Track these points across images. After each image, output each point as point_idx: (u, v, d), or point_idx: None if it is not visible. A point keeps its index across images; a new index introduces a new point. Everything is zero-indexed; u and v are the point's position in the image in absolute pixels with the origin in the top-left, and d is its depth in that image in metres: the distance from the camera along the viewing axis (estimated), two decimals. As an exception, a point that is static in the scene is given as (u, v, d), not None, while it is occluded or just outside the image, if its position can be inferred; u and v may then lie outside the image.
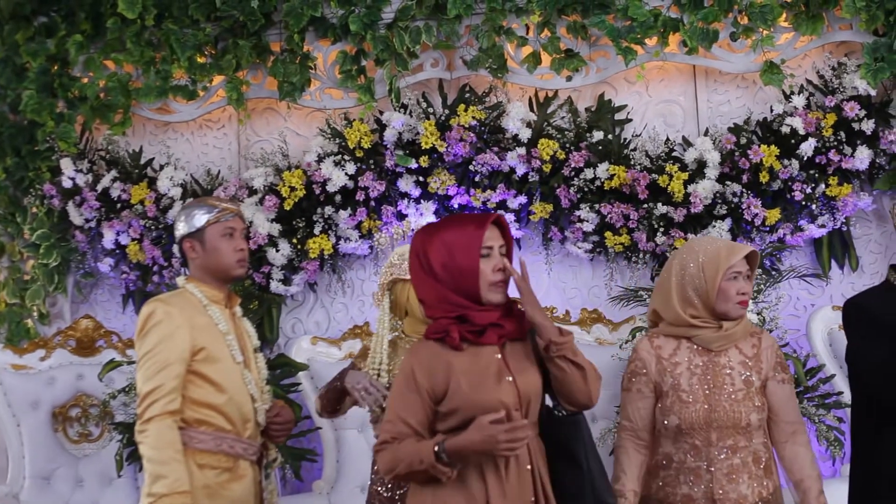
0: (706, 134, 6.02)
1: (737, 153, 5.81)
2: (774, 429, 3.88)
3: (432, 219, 6.11)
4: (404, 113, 6.15)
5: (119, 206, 6.49)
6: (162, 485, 3.76)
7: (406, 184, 6.14)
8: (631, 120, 6.22)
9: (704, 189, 5.77)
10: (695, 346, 3.94)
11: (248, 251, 4.17)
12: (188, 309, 4.00)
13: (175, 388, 3.87)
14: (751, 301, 5.26)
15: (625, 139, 6.11)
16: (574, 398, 3.35)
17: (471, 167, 6.06)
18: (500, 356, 3.35)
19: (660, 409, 3.89)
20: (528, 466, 3.34)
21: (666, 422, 3.86)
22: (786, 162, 5.75)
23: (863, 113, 5.75)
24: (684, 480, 3.81)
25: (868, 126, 5.73)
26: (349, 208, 6.17)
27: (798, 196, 5.75)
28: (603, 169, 5.92)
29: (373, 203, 6.20)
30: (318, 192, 6.17)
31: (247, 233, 4.11)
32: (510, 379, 3.32)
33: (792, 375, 3.95)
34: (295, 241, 6.19)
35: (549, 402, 3.45)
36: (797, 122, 5.76)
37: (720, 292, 3.87)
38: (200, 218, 4.11)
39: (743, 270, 3.89)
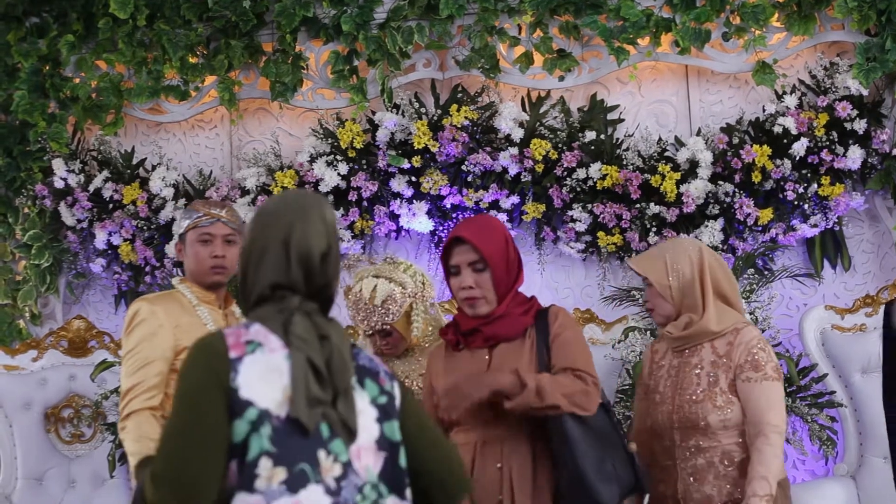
0: (698, 134, 6.02)
1: (729, 153, 5.82)
2: (746, 427, 3.76)
3: (424, 219, 6.12)
4: (397, 113, 6.15)
5: (111, 206, 6.48)
6: None
7: (398, 184, 6.13)
8: (623, 120, 6.22)
9: (697, 189, 5.77)
10: (671, 347, 3.97)
11: (229, 257, 4.09)
12: (174, 309, 4.00)
13: (156, 386, 3.88)
14: (743, 301, 5.28)
15: (617, 139, 6.11)
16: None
17: (463, 167, 6.06)
18: (487, 357, 3.46)
19: (644, 410, 3.97)
20: (498, 465, 3.39)
21: (649, 422, 3.92)
22: (778, 162, 5.75)
23: (855, 113, 5.76)
24: (659, 479, 3.84)
25: (860, 126, 5.74)
26: (341, 208, 6.17)
27: (790, 196, 5.76)
28: (595, 169, 5.92)
29: (365, 203, 6.19)
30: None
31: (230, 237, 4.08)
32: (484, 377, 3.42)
33: (770, 374, 3.80)
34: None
35: None
36: (789, 122, 5.76)
37: None
38: (183, 223, 4.15)
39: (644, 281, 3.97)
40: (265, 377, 2.43)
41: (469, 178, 6.09)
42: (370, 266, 4.42)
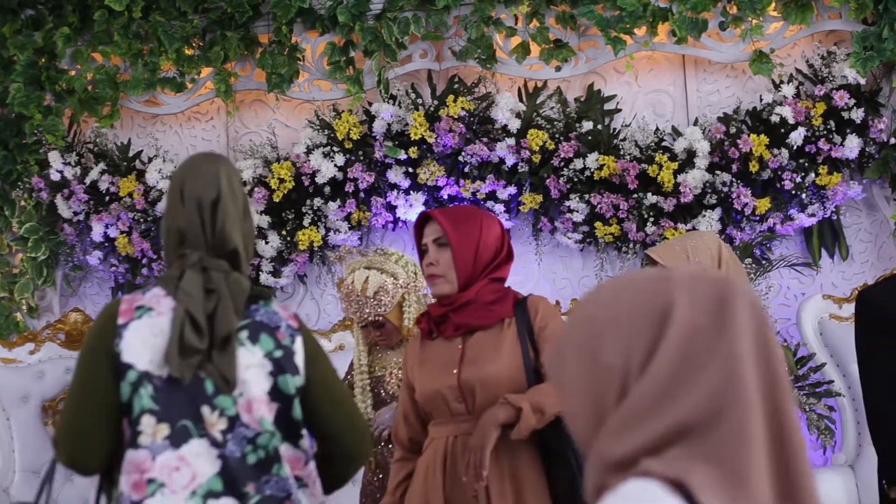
0: (696, 123, 6.01)
1: (726, 143, 5.81)
2: None
3: (421, 210, 6.11)
4: (393, 104, 6.14)
5: (108, 198, 6.47)
6: None
7: (395, 175, 6.13)
8: (620, 110, 6.21)
9: (694, 179, 5.77)
10: None
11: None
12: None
13: None
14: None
15: (614, 129, 6.10)
16: None
17: (460, 158, 6.05)
18: (460, 347, 3.41)
19: None
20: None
21: None
22: (775, 151, 5.74)
23: (852, 102, 5.75)
24: None
25: (857, 115, 5.74)
26: (338, 200, 6.16)
27: (788, 185, 5.75)
28: (592, 159, 5.92)
29: (362, 194, 6.18)
30: (307, 183, 6.15)
31: None
32: (455, 371, 3.36)
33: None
34: (284, 232, 6.18)
35: None
36: (787, 112, 5.76)
37: None
38: None
39: None
40: (147, 341, 2.60)
41: (466, 169, 6.08)
42: (361, 258, 4.42)
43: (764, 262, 5.78)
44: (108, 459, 2.66)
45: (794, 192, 5.78)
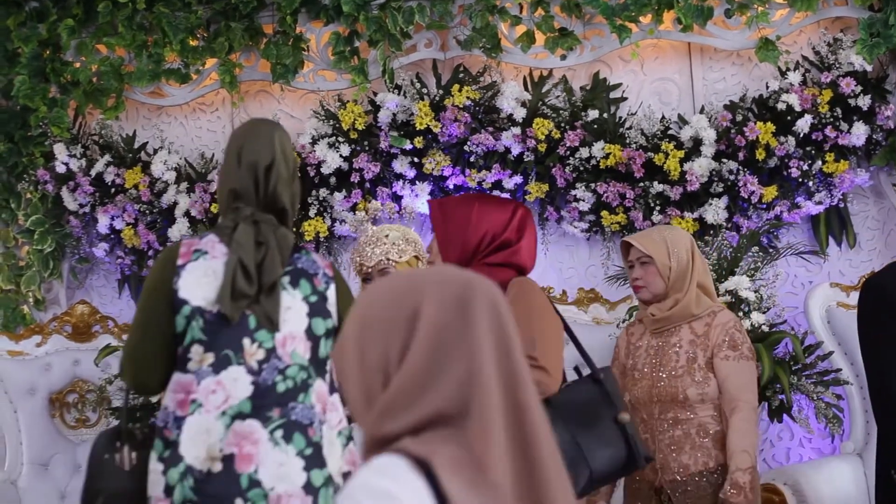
0: (702, 111, 5.99)
1: (733, 130, 5.79)
2: (721, 403, 4.10)
3: (427, 199, 6.10)
4: (398, 94, 6.13)
5: (113, 190, 6.47)
6: None
7: (401, 165, 6.12)
8: (626, 98, 6.19)
9: (700, 167, 5.75)
10: (650, 329, 4.29)
11: None
12: None
13: None
14: (748, 279, 5.27)
15: (620, 118, 6.08)
16: None
17: (466, 147, 6.04)
18: None
19: (622, 387, 4.11)
20: None
21: (626, 398, 4.14)
22: (782, 139, 5.73)
23: (859, 89, 5.72)
24: None
25: (864, 102, 5.71)
26: (344, 190, 6.15)
27: (795, 173, 5.73)
28: (598, 148, 5.90)
29: (368, 185, 6.18)
30: (312, 174, 6.15)
31: None
32: None
33: (746, 353, 4.15)
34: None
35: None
36: (793, 99, 5.73)
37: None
38: None
39: (632, 259, 4.25)
40: (201, 280, 3.00)
41: (472, 159, 6.07)
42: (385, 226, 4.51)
43: (771, 250, 5.77)
44: (166, 382, 3.07)
45: (800, 179, 5.76)
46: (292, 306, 3.06)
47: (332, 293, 3.18)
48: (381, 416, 1.71)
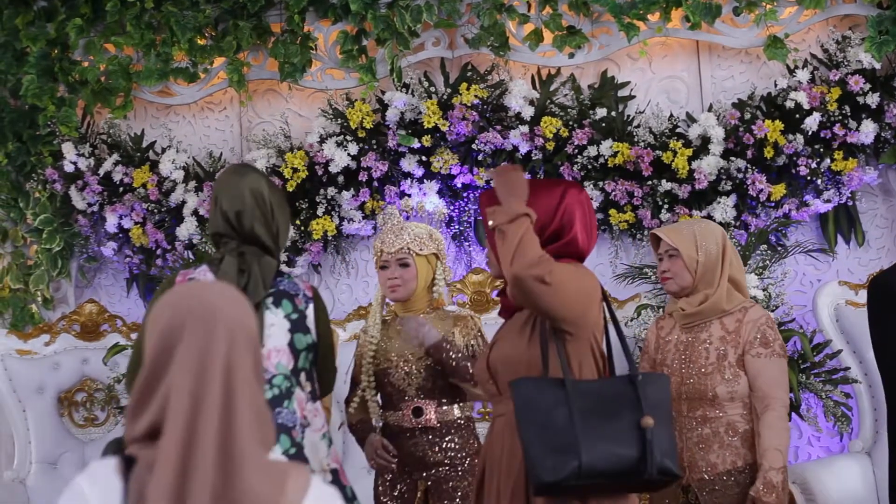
0: (710, 110, 5.99)
1: (741, 128, 5.79)
2: (753, 401, 4.03)
3: (435, 198, 6.11)
4: (406, 92, 6.12)
5: (121, 189, 6.48)
6: None
7: (409, 164, 6.12)
8: (634, 96, 6.19)
9: (709, 165, 5.74)
10: (680, 324, 4.21)
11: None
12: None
13: None
14: (757, 277, 5.27)
15: (628, 116, 6.08)
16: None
17: (474, 146, 6.04)
18: (503, 328, 3.46)
19: None
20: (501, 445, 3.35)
21: None
22: (790, 137, 5.72)
23: (867, 87, 5.72)
24: None
25: (873, 100, 5.70)
26: (352, 189, 6.15)
27: (803, 171, 5.73)
28: (606, 146, 5.90)
29: (376, 183, 6.18)
30: (320, 172, 6.15)
31: None
32: (488, 350, 3.44)
33: (778, 350, 4.06)
34: (298, 222, 6.18)
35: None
36: (801, 97, 5.73)
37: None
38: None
39: (661, 252, 4.20)
40: None
41: (479, 157, 6.07)
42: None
43: (779, 248, 5.76)
44: None
45: (809, 177, 5.76)
46: (275, 323, 3.50)
47: (310, 312, 3.59)
48: (128, 420, 1.96)
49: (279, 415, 3.43)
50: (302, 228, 6.18)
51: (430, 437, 4.18)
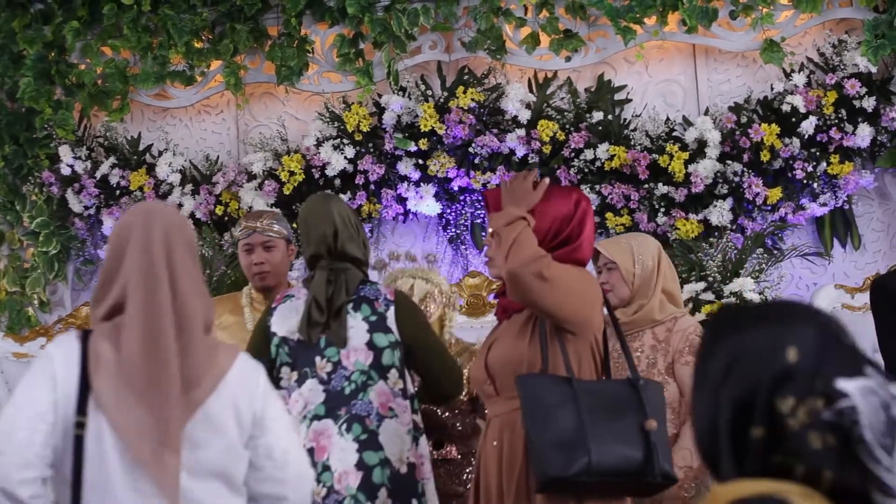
0: (706, 113, 5.99)
1: (737, 132, 5.80)
2: (682, 407, 4.07)
3: (432, 202, 6.11)
4: (403, 96, 6.13)
5: (118, 192, 6.47)
6: None
7: (406, 167, 6.12)
8: (631, 100, 6.19)
9: (705, 169, 5.75)
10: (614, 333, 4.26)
11: (272, 262, 4.56)
12: (224, 309, 4.60)
13: None
14: (753, 280, 5.28)
15: (625, 119, 6.09)
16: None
17: (470, 149, 6.04)
18: (500, 329, 3.49)
19: None
20: (495, 443, 3.34)
21: None
22: (787, 140, 5.73)
23: (864, 90, 5.73)
24: None
25: (869, 103, 5.72)
26: (349, 192, 6.15)
27: (799, 174, 5.74)
28: (603, 149, 5.90)
29: (372, 186, 6.18)
30: (317, 176, 6.15)
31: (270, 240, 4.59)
32: (486, 351, 3.44)
33: None
34: (295, 225, 6.17)
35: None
36: (798, 101, 5.74)
37: None
38: (236, 234, 5.03)
39: (600, 265, 4.22)
40: (287, 316, 3.83)
41: (476, 161, 6.07)
42: (405, 268, 4.52)
43: (776, 251, 5.77)
44: None
45: (805, 181, 5.77)
46: (354, 325, 3.76)
47: (391, 314, 3.81)
48: (91, 307, 2.62)
49: (354, 406, 3.69)
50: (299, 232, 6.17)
51: (451, 468, 4.22)
